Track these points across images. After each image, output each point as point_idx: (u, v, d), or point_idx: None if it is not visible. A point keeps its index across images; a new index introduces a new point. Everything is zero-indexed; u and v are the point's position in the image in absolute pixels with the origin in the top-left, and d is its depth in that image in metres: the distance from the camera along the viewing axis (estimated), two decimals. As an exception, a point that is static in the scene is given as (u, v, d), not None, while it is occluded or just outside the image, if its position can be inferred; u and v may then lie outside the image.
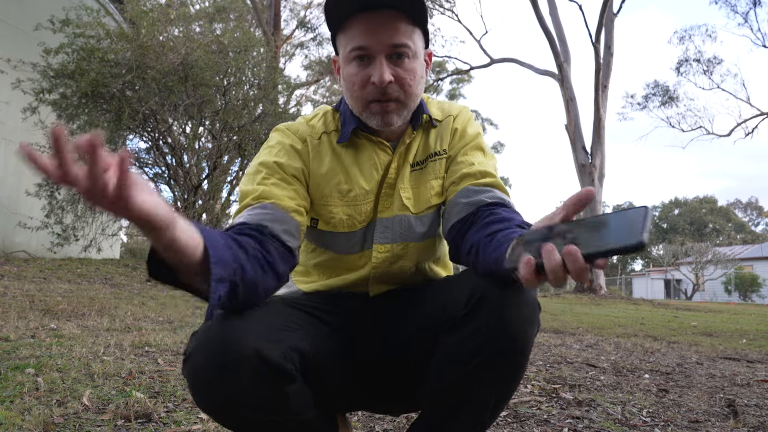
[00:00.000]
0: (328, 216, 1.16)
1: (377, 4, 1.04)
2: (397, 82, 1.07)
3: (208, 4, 14.69)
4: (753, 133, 20.76)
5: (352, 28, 1.07)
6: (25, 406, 1.70)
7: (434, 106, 1.24)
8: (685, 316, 9.05)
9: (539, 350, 3.73)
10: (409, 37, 1.07)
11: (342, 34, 1.10)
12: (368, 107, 1.10)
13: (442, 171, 1.20)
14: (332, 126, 1.20)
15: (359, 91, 1.08)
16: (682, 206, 56.20)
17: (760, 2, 18.59)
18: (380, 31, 1.05)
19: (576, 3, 15.15)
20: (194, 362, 0.90)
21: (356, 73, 1.08)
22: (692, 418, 2.04)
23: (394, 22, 1.05)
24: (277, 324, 0.97)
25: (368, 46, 1.05)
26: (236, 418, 0.93)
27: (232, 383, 0.88)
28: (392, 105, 1.09)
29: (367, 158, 1.17)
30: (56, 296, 4.75)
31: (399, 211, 1.17)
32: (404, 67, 1.08)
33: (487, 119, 32.01)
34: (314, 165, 1.16)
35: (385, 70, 1.05)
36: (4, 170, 9.76)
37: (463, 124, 1.21)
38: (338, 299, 1.20)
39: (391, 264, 1.19)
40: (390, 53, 1.06)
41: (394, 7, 1.05)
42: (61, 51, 8.18)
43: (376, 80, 1.05)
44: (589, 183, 14.95)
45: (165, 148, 9.67)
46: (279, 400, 0.93)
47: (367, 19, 1.05)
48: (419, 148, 1.20)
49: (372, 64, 1.07)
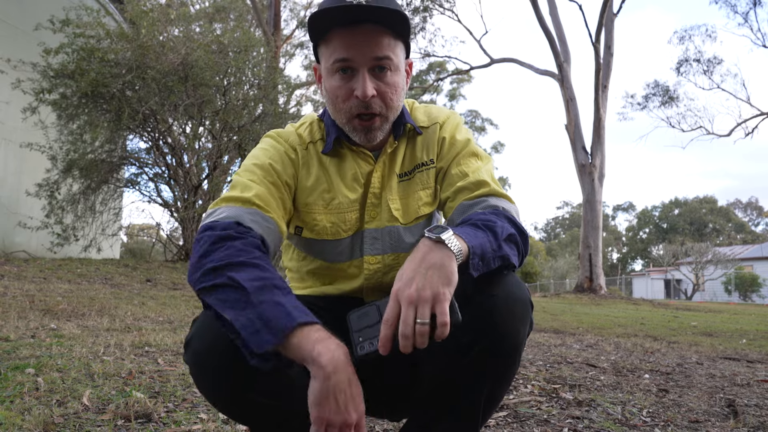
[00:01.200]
0: (312, 223, 1.17)
1: (361, 19, 1.04)
2: (380, 96, 1.08)
3: (208, 4, 14.70)
4: (753, 133, 20.75)
5: (335, 40, 1.06)
6: (25, 406, 1.70)
7: (420, 112, 1.23)
8: (685, 316, 9.05)
9: (539, 350, 3.73)
10: (391, 50, 1.08)
11: (324, 46, 1.09)
12: (352, 122, 1.10)
13: (431, 181, 1.20)
14: (317, 135, 1.21)
15: (342, 104, 1.09)
16: (682, 206, 56.22)
17: (760, 2, 18.59)
18: (363, 44, 1.05)
19: (576, 3, 15.14)
20: (195, 347, 0.92)
21: (339, 86, 1.08)
22: (692, 418, 2.04)
23: (377, 36, 1.06)
24: None
25: (352, 58, 1.06)
26: (240, 404, 0.93)
27: (232, 366, 0.89)
28: (376, 122, 1.10)
29: (350, 168, 1.18)
30: (56, 296, 4.75)
31: (388, 222, 1.18)
32: (386, 81, 1.08)
33: (487, 119, 32.06)
34: (303, 173, 1.18)
35: (368, 84, 1.06)
36: (4, 170, 9.76)
37: (451, 131, 1.20)
38: (334, 302, 1.21)
39: (383, 275, 1.20)
40: (373, 66, 1.07)
41: (377, 21, 1.05)
42: (61, 51, 8.18)
43: (359, 94, 1.06)
44: (589, 183, 14.95)
45: (165, 148, 9.67)
46: (281, 382, 0.93)
47: (350, 31, 1.05)
48: (405, 158, 1.20)
49: (355, 77, 1.07)
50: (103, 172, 9.25)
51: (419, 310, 0.86)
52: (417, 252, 0.91)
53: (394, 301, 0.88)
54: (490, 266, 0.96)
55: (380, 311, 0.93)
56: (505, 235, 0.99)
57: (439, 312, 0.85)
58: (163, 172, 9.94)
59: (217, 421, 1.70)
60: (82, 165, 8.88)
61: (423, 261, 0.89)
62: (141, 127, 9.22)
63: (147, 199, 10.84)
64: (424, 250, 0.90)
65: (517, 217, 1.09)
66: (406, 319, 0.86)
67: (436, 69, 24.14)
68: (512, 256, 0.99)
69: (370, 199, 1.17)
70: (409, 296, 0.86)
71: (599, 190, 14.99)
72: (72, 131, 8.84)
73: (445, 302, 0.86)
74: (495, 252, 0.96)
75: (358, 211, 1.18)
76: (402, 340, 0.86)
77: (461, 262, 0.91)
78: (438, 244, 0.90)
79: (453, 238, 0.91)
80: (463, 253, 0.91)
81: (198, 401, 1.89)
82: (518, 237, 1.02)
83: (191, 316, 4.35)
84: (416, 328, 0.85)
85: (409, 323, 0.85)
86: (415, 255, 0.91)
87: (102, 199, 9.65)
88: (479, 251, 0.93)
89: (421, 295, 0.86)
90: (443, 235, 0.90)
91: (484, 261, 0.94)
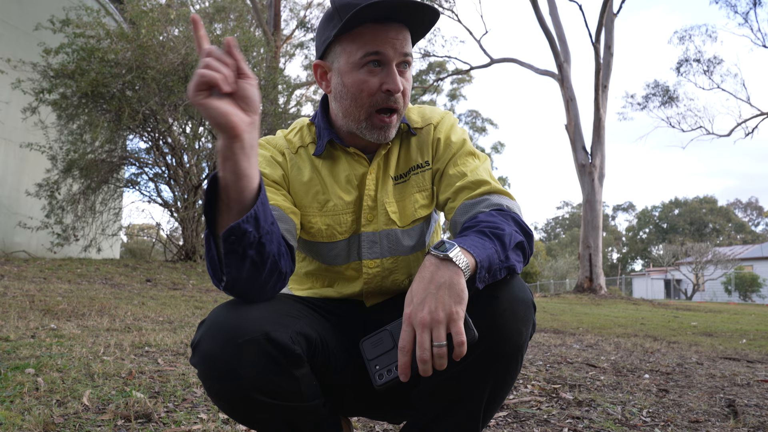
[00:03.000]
0: (308, 226, 1.18)
1: (394, 17, 1.06)
2: (402, 93, 1.09)
3: (208, 4, 14.69)
4: (753, 133, 20.74)
5: (366, 34, 1.06)
6: (25, 406, 1.70)
7: (414, 113, 1.23)
8: (685, 316, 9.05)
9: (539, 350, 3.73)
10: (411, 49, 1.10)
11: (349, 40, 1.07)
12: (371, 118, 1.09)
13: (427, 183, 1.20)
14: (308, 139, 1.20)
15: (368, 98, 1.08)
16: (682, 206, 56.23)
17: (760, 2, 18.58)
18: (395, 40, 1.06)
19: (576, 3, 15.14)
20: (203, 347, 0.91)
21: (366, 80, 1.07)
22: (692, 418, 2.04)
23: (404, 33, 1.08)
24: (283, 311, 0.99)
25: (384, 52, 1.06)
26: (247, 406, 0.93)
27: (241, 365, 0.89)
28: (394, 118, 1.11)
29: (343, 170, 1.17)
30: (56, 296, 4.76)
31: (386, 226, 1.17)
32: (407, 78, 1.10)
33: (487, 119, 32.07)
34: (293, 174, 1.18)
35: (398, 78, 1.07)
36: (4, 170, 9.77)
37: (446, 133, 1.20)
38: (336, 303, 1.22)
39: (383, 279, 1.20)
40: (400, 62, 1.08)
41: (405, 21, 1.07)
42: (61, 51, 8.19)
43: (391, 87, 1.06)
44: (589, 183, 14.95)
45: (165, 148, 9.68)
46: (289, 383, 0.94)
47: (383, 26, 1.06)
48: (400, 160, 1.20)
49: (384, 71, 1.07)
50: (103, 172, 9.25)
51: (434, 333, 0.85)
52: (424, 271, 0.90)
53: (408, 326, 0.88)
54: (496, 277, 0.96)
55: (393, 337, 0.93)
56: (514, 243, 0.98)
57: (455, 332, 0.85)
58: (163, 172, 9.95)
59: (217, 421, 1.70)
60: (82, 165, 8.89)
61: (432, 281, 0.88)
62: (141, 127, 9.22)
63: (147, 199, 10.87)
64: (432, 269, 0.90)
65: (520, 214, 1.09)
66: (423, 344, 0.85)
67: (436, 69, 24.13)
68: (518, 264, 0.99)
69: (366, 201, 1.17)
70: (422, 320, 0.86)
71: (599, 190, 14.99)
72: (72, 131, 8.84)
73: (460, 321, 0.86)
74: (502, 263, 0.96)
75: (353, 213, 1.18)
76: (421, 365, 0.86)
77: (469, 276, 0.90)
78: (445, 261, 0.89)
79: (460, 254, 0.90)
80: (470, 268, 0.90)
81: (198, 401, 1.89)
82: (525, 242, 1.02)
83: (191, 316, 4.35)
84: (434, 350, 0.85)
85: (426, 348, 0.85)
86: (423, 274, 0.90)
87: (102, 199, 9.66)
88: (486, 264, 0.92)
89: (434, 317, 0.85)
90: (450, 253, 0.89)
91: (491, 273, 0.94)
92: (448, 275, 0.88)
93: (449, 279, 0.88)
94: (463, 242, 0.94)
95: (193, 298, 5.69)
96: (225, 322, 0.91)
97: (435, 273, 0.89)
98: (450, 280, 0.87)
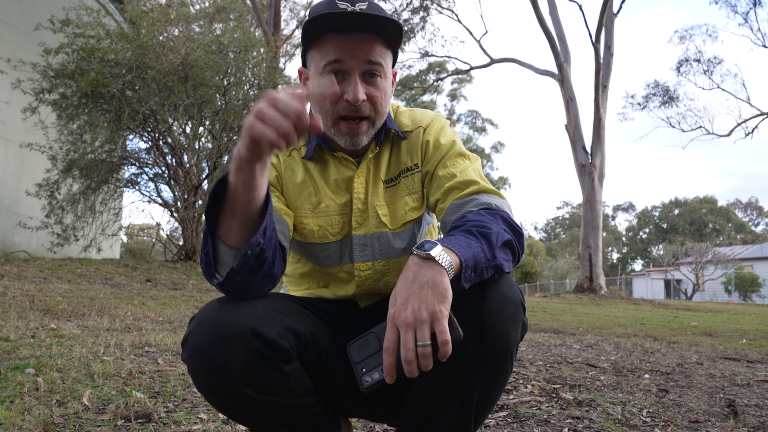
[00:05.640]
0: (300, 227, 1.19)
1: (357, 27, 1.05)
2: (370, 101, 1.09)
3: (208, 4, 14.71)
4: (753, 133, 20.77)
5: (329, 44, 1.07)
6: (25, 406, 1.70)
7: (405, 116, 1.24)
8: (685, 316, 9.05)
9: (539, 350, 3.73)
10: (383, 57, 1.09)
11: (316, 49, 1.09)
12: (337, 124, 1.10)
13: (417, 186, 1.20)
14: (300, 142, 1.21)
15: (330, 105, 1.08)
16: (682, 206, 56.25)
17: (760, 2, 18.59)
18: (357, 49, 1.06)
19: (576, 3, 15.14)
20: (192, 342, 0.93)
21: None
22: (692, 418, 2.04)
23: (370, 42, 1.07)
24: (272, 307, 1.00)
25: (345, 60, 1.06)
26: (237, 401, 0.94)
27: (230, 359, 0.90)
28: (363, 125, 1.10)
29: (332, 173, 1.19)
30: (56, 296, 4.75)
31: (376, 228, 1.18)
32: (376, 86, 1.09)
33: (487, 119, 32.14)
34: (287, 177, 1.19)
35: (360, 88, 1.06)
36: (4, 170, 9.77)
37: (435, 135, 1.20)
38: (332, 303, 1.23)
39: (375, 281, 1.20)
40: (364, 71, 1.08)
41: (372, 30, 1.06)
42: (61, 51, 8.19)
43: (350, 98, 1.06)
44: (589, 183, 14.96)
45: (165, 148, 9.68)
46: (277, 378, 0.94)
47: (345, 36, 1.06)
48: (390, 164, 1.20)
49: (346, 81, 1.07)
50: (103, 172, 9.25)
51: (418, 333, 0.84)
52: (407, 271, 0.90)
53: (392, 327, 0.87)
54: (482, 276, 0.95)
55: (379, 339, 0.92)
56: (501, 242, 0.97)
57: (439, 331, 0.84)
58: (163, 172, 9.95)
59: (217, 421, 1.70)
60: (82, 165, 8.89)
61: (415, 280, 0.87)
62: (141, 127, 9.22)
63: (147, 199, 10.85)
64: (415, 268, 0.89)
65: (510, 213, 1.08)
66: (407, 344, 0.85)
67: (436, 69, 24.12)
68: (506, 263, 0.98)
69: (356, 204, 1.18)
70: (406, 320, 0.85)
71: (599, 190, 15.00)
72: (72, 131, 8.84)
73: (444, 320, 0.85)
74: (489, 262, 0.95)
75: (345, 215, 1.18)
76: (405, 365, 0.85)
77: (453, 275, 0.89)
78: (428, 260, 0.89)
79: (443, 253, 0.89)
80: (454, 267, 0.89)
81: (198, 401, 1.89)
82: (514, 241, 1.01)
83: (191, 316, 4.35)
84: (418, 351, 0.84)
85: (410, 348, 0.84)
86: (406, 274, 0.89)
87: (102, 199, 9.66)
88: (472, 263, 0.92)
89: (417, 316, 0.85)
90: (432, 252, 0.88)
91: (477, 272, 0.93)
92: (431, 274, 0.87)
93: (432, 278, 0.87)
94: (447, 241, 0.93)
95: (193, 298, 5.69)
96: (214, 317, 0.93)
97: (418, 272, 0.88)
98: (433, 279, 0.87)
